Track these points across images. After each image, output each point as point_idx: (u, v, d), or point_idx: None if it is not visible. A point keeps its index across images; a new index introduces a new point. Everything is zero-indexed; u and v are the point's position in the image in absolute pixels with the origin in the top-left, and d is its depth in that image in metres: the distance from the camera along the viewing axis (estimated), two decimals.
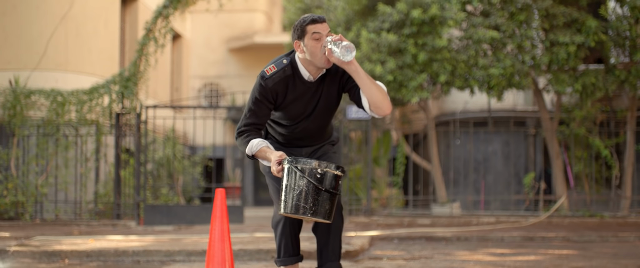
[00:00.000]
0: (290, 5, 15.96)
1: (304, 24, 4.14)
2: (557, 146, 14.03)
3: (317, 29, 4.11)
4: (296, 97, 4.25)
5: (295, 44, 4.19)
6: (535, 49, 13.00)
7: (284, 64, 4.21)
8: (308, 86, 4.25)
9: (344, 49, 4.01)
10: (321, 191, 3.98)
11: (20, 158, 13.32)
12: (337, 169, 4.04)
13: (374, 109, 4.18)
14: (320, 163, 3.99)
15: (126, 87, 13.09)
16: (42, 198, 13.15)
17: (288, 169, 4.02)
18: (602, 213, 13.45)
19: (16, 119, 13.19)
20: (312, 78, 4.24)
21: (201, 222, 12.19)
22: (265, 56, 22.81)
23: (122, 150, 12.88)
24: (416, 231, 10.55)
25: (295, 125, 4.36)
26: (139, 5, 18.26)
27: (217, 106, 15.74)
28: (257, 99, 4.23)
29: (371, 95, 4.12)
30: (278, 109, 4.31)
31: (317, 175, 3.98)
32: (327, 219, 4.04)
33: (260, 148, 4.20)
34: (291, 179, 4.00)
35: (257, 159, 4.32)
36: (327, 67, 4.18)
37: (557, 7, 12.66)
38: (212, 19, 22.68)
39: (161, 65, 18.55)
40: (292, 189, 3.99)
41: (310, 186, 3.97)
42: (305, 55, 4.16)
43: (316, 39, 4.11)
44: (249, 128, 4.27)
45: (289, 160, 4.02)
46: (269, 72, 4.21)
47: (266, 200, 23.12)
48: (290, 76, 4.21)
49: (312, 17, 4.15)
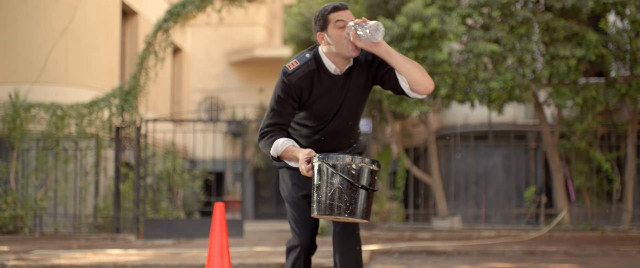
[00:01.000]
0: (290, 19, 15.97)
1: (326, 13, 3.84)
2: (557, 160, 13.99)
3: (341, 16, 3.82)
4: (322, 92, 3.93)
5: (319, 36, 3.88)
6: (535, 62, 13.00)
7: (307, 58, 3.90)
8: (335, 80, 3.93)
9: (371, 29, 3.73)
10: (357, 188, 3.67)
11: (20, 171, 13.29)
12: (373, 163, 3.72)
13: (415, 87, 3.84)
14: (354, 158, 3.66)
15: (126, 101, 13.08)
16: (41, 212, 13.11)
17: (319, 167, 3.69)
18: (604, 227, 13.39)
19: (16, 133, 13.17)
20: (338, 71, 3.92)
21: (201, 236, 12.14)
22: (266, 70, 22.82)
23: (121, 164, 12.85)
24: (417, 245, 10.50)
25: (321, 125, 4.03)
26: (140, 19, 18.28)
27: (217, 120, 15.72)
28: (280, 97, 3.90)
29: (409, 73, 3.81)
30: (303, 108, 3.98)
31: (352, 171, 3.66)
32: (365, 219, 3.73)
33: (286, 147, 3.88)
34: (323, 177, 3.68)
35: (283, 161, 3.99)
36: (355, 55, 3.85)
37: (557, 20, 12.66)
38: (213, 33, 22.70)
39: (162, 78, 18.55)
40: (325, 188, 3.67)
41: (345, 184, 3.64)
42: (330, 47, 3.86)
43: (340, 27, 3.81)
44: (273, 128, 3.95)
45: (320, 157, 3.69)
46: (291, 67, 3.88)
47: (266, 214, 23.08)
48: (315, 70, 3.90)
49: (333, 5, 3.86)
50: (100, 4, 15.89)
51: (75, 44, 15.17)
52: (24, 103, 13.38)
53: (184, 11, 13.24)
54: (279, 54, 21.51)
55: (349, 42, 3.81)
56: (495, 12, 12.74)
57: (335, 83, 3.93)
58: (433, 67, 12.51)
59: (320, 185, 3.69)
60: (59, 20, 14.94)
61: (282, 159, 3.95)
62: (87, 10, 15.38)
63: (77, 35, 15.18)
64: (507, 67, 12.89)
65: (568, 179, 14.55)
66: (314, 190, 3.73)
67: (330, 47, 3.86)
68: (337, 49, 3.84)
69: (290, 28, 15.90)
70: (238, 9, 14.16)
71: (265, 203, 23.74)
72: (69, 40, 15.04)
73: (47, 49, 14.76)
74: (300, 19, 15.43)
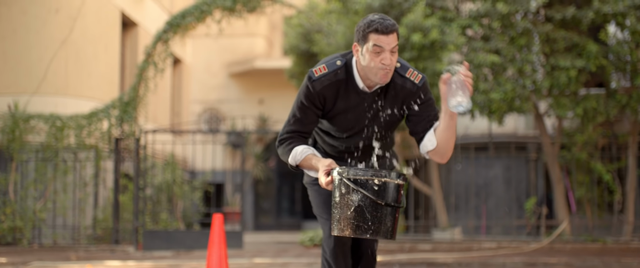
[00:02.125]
0: (290, 30, 15.96)
1: (368, 30, 3.44)
2: (558, 171, 13.95)
3: (381, 41, 3.41)
4: (347, 107, 3.61)
5: (354, 47, 3.54)
6: (536, 73, 12.98)
7: (337, 66, 3.56)
8: (362, 97, 3.59)
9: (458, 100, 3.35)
10: (381, 206, 3.35)
11: (19, 183, 13.25)
12: (399, 177, 3.40)
13: (437, 155, 3.58)
14: (377, 172, 3.35)
15: (125, 112, 13.06)
16: (40, 223, 13.07)
17: (339, 181, 3.38)
18: (605, 238, 13.35)
19: (15, 144, 13.14)
20: (367, 89, 3.58)
21: (200, 248, 12.09)
22: (266, 81, 22.81)
23: (121, 175, 12.81)
24: (417, 257, 10.45)
25: (346, 137, 3.73)
26: (140, 30, 18.28)
27: (216, 131, 15.69)
28: (303, 104, 3.59)
29: (447, 142, 3.52)
30: (325, 117, 3.68)
31: (375, 186, 3.34)
32: (390, 238, 3.43)
33: (305, 156, 3.61)
34: (343, 193, 3.37)
35: (302, 170, 3.72)
36: (383, 83, 3.52)
37: (557, 31, 12.65)
38: (213, 44, 22.70)
39: (162, 89, 18.54)
40: (346, 205, 3.36)
41: (367, 200, 3.33)
42: (361, 63, 3.51)
43: (376, 53, 3.43)
44: (292, 135, 3.67)
45: (340, 171, 3.38)
46: (317, 72, 3.56)
47: (266, 225, 23.01)
48: (343, 81, 3.57)
49: (378, 25, 3.42)
50: (100, 15, 15.88)
51: (75, 55, 15.15)
52: (23, 114, 13.35)
53: (184, 22, 13.24)
54: (279, 65, 21.50)
55: (380, 70, 3.45)
56: (495, 23, 12.73)
57: (363, 100, 3.61)
58: (433, 77, 12.49)
59: (340, 201, 3.39)
60: (58, 31, 14.93)
61: (300, 168, 3.70)
62: (87, 22, 15.37)
63: (76, 46, 15.16)
64: (507, 78, 12.87)
65: (569, 190, 14.51)
66: (333, 206, 3.44)
67: (361, 63, 3.53)
68: (367, 71, 3.50)
69: (291, 39, 15.89)
70: (238, 20, 14.15)
71: (265, 214, 23.67)
72: (69, 51, 15.03)
73: (47, 60, 14.75)
74: (301, 30, 15.42)
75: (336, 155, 3.81)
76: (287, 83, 18.10)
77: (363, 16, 13.40)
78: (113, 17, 16.52)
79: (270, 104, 22.79)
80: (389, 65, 3.46)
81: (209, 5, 13.38)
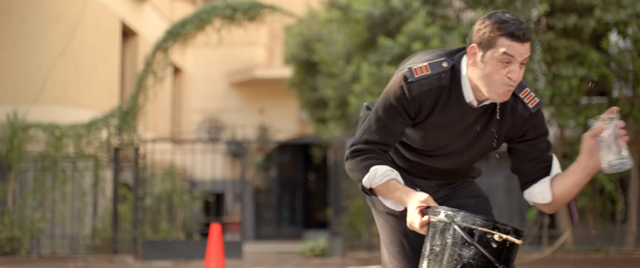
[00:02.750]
0: (291, 39, 15.94)
1: (499, 33, 2.64)
2: None
3: (513, 50, 2.63)
4: (443, 121, 2.83)
5: (470, 49, 2.73)
6: (537, 82, 12.92)
7: (442, 69, 2.77)
8: (465, 110, 2.81)
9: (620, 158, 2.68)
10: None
11: (17, 192, 13.19)
12: (518, 236, 2.61)
13: (550, 206, 2.94)
14: (495, 224, 2.56)
15: (125, 121, 13.01)
16: (38, 233, 12.99)
17: (443, 226, 2.57)
18: (607, 248, 13.27)
19: (13, 153, 13.08)
20: (475, 103, 2.81)
21: (200, 257, 12.00)
22: (266, 90, 22.77)
23: (120, 185, 12.75)
24: None
25: (428, 156, 2.99)
26: (139, 39, 18.24)
27: (216, 140, 15.63)
28: (393, 107, 2.80)
29: (566, 199, 2.87)
30: (413, 127, 2.90)
31: (493, 243, 2.53)
32: None
33: (386, 181, 2.79)
34: (446, 243, 2.56)
35: (374, 194, 2.89)
36: (502, 100, 2.74)
37: (558, 40, 12.60)
38: (213, 53, 22.67)
39: (162, 98, 18.49)
40: (449, 260, 2.55)
41: (479, 259, 2.52)
42: (477, 72, 2.73)
43: (504, 63, 2.65)
44: (372, 148, 2.83)
45: (447, 213, 2.56)
46: (417, 72, 2.78)
47: (267, 235, 22.94)
48: (446, 88, 2.79)
49: (514, 28, 2.63)
50: (100, 25, 15.85)
51: (74, 64, 15.10)
52: (22, 123, 13.30)
53: (183, 31, 13.20)
54: (279, 74, 21.46)
55: (504, 85, 2.69)
56: None
57: (465, 115, 2.83)
58: None
59: (440, 252, 2.57)
60: (58, 41, 14.89)
61: (374, 192, 2.86)
62: (86, 31, 15.33)
63: (76, 55, 15.12)
64: None
65: (571, 200, 14.42)
66: (426, 254, 2.62)
67: (477, 71, 2.73)
68: (484, 83, 2.71)
69: (291, 48, 15.87)
70: (238, 29, 14.11)
71: (265, 224, 23.60)
72: (68, 60, 14.98)
73: (46, 69, 14.70)
74: (301, 39, 15.39)
75: (408, 169, 3.06)
76: (288, 92, 18.06)
77: (363, 25, 13.34)
78: (113, 26, 16.48)
79: (271, 113, 22.74)
80: (516, 81, 2.70)
81: (208, 14, 13.35)
